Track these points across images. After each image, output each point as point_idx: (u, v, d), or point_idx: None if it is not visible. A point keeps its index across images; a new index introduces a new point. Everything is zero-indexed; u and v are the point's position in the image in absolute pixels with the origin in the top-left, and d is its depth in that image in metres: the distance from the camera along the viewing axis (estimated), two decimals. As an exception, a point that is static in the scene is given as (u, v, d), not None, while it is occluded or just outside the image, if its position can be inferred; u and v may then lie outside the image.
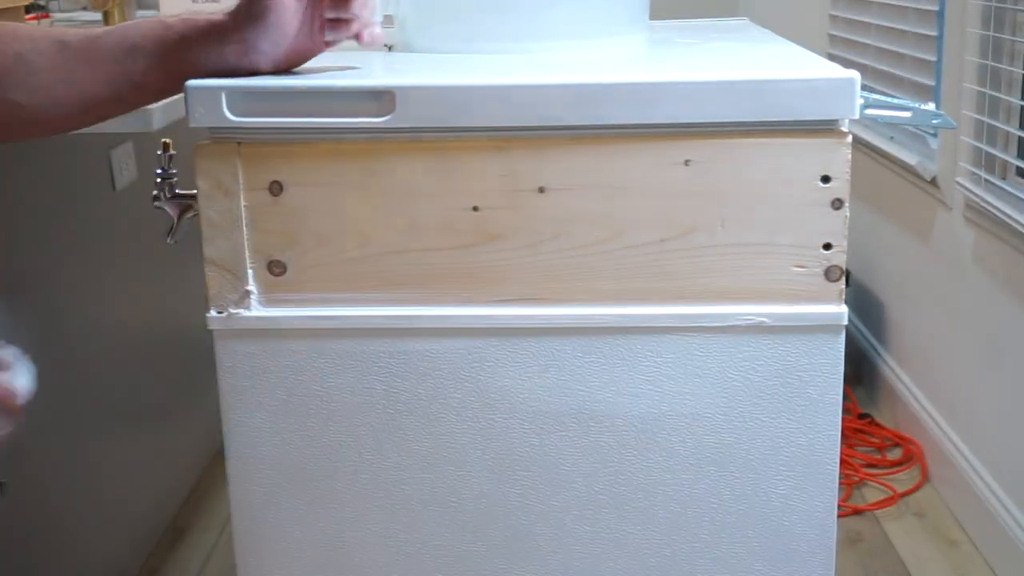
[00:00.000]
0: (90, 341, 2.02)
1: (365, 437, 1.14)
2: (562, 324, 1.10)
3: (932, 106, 1.13)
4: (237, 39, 1.06)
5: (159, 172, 1.17)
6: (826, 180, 1.07)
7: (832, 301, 1.09)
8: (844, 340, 1.10)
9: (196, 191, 1.09)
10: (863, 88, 1.05)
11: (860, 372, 3.06)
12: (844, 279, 1.09)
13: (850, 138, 1.06)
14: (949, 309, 2.48)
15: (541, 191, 1.08)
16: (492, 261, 1.09)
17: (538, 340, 1.11)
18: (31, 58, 1.05)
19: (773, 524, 1.14)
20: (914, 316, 2.74)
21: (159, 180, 1.17)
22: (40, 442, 1.83)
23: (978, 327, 2.32)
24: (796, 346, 1.10)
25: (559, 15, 1.22)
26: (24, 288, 1.79)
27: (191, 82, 1.06)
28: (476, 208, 1.08)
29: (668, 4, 1.67)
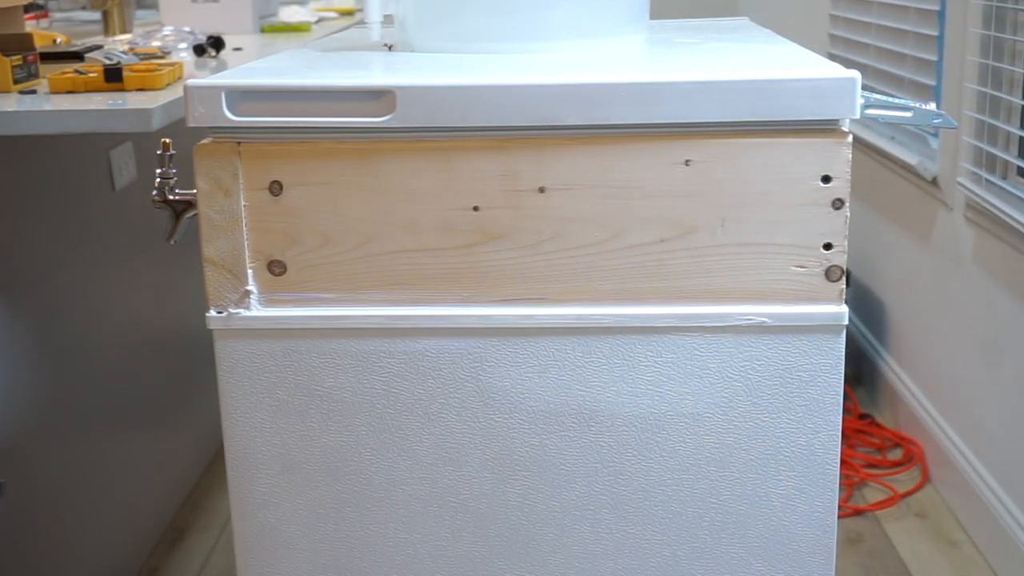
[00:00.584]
0: (90, 341, 2.02)
1: (365, 437, 1.14)
2: (562, 324, 1.10)
3: (933, 106, 1.13)
4: None
5: (159, 172, 1.17)
6: (826, 180, 1.07)
7: (832, 301, 1.09)
8: (844, 340, 1.10)
9: (196, 191, 1.09)
10: (864, 88, 1.05)
11: (860, 372, 3.06)
12: (844, 279, 1.09)
13: (851, 138, 1.06)
14: (950, 309, 2.48)
15: (541, 191, 1.08)
16: (492, 261, 1.09)
17: (538, 340, 1.11)
18: None
19: (773, 524, 1.14)
20: (914, 316, 2.74)
21: (159, 180, 1.17)
22: (40, 442, 1.83)
23: (979, 327, 2.32)
24: (796, 346, 1.10)
25: (559, 15, 1.22)
26: (24, 288, 1.79)
27: (191, 81, 1.06)
28: (476, 208, 1.08)
29: (668, 4, 1.67)
